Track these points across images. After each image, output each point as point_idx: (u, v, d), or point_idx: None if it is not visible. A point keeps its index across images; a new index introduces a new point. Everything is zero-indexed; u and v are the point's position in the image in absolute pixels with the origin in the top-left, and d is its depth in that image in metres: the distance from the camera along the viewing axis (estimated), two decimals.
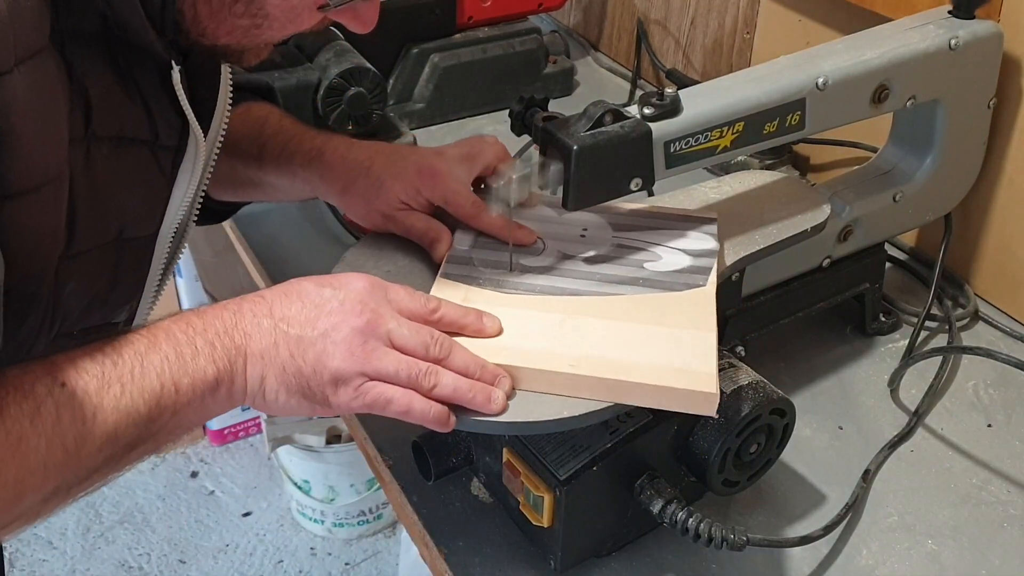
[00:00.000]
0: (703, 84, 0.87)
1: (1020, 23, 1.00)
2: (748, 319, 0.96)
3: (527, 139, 1.08)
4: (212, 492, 2.30)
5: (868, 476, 0.89)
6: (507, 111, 1.06)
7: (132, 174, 0.73)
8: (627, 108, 0.81)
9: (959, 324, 1.08)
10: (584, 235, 0.88)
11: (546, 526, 0.77)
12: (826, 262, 1.00)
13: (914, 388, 1.00)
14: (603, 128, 0.78)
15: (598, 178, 0.79)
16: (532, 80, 1.51)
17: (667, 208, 0.93)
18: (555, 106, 0.95)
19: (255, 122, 0.96)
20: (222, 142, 0.85)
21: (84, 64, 0.67)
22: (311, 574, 2.12)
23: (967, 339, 1.08)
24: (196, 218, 0.86)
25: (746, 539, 0.74)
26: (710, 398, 0.70)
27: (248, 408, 2.13)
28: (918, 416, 0.97)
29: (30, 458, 0.59)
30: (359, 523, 2.16)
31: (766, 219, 0.91)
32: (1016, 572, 0.82)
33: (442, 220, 0.88)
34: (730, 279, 0.89)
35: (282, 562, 2.15)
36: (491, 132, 1.41)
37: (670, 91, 0.82)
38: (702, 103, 0.83)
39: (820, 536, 0.81)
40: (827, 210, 0.93)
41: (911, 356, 1.02)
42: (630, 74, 1.59)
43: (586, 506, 0.77)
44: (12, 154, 0.59)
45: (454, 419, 0.70)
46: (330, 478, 2.07)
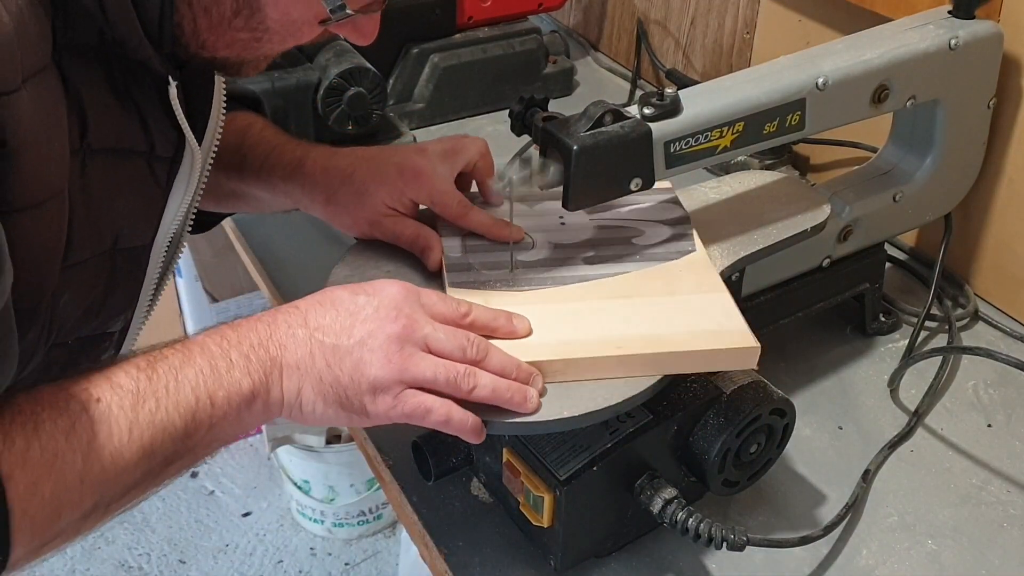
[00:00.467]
0: (703, 84, 0.87)
1: (1020, 23, 1.00)
2: (748, 319, 0.95)
3: (527, 139, 1.08)
4: (212, 492, 2.30)
5: (868, 476, 0.89)
6: (507, 111, 1.05)
7: (127, 185, 0.73)
8: (627, 108, 0.81)
9: (959, 324, 1.08)
10: (563, 223, 0.89)
11: (546, 526, 0.77)
12: (826, 262, 1.00)
13: (914, 388, 1.00)
14: (603, 128, 0.78)
15: (598, 178, 0.79)
16: (532, 80, 1.51)
17: None
18: (555, 106, 0.94)
19: (237, 132, 0.95)
20: (216, 152, 0.84)
21: (80, 77, 0.66)
22: (311, 574, 2.12)
23: (967, 339, 1.07)
24: (191, 228, 0.85)
25: (746, 539, 0.74)
26: (752, 352, 0.74)
27: None
28: (918, 416, 0.97)
29: (67, 475, 0.58)
30: (359, 523, 2.16)
31: (766, 219, 0.91)
32: (1016, 572, 0.82)
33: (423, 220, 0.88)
34: (730, 279, 0.89)
35: (282, 562, 2.15)
36: (491, 132, 1.42)
37: (670, 91, 0.82)
38: (702, 103, 0.83)
39: (820, 536, 0.81)
40: (827, 210, 0.93)
41: (911, 356, 1.02)
42: (630, 74, 1.59)
43: (586, 506, 0.77)
44: (20, 170, 0.59)
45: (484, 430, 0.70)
46: (330, 478, 2.06)
